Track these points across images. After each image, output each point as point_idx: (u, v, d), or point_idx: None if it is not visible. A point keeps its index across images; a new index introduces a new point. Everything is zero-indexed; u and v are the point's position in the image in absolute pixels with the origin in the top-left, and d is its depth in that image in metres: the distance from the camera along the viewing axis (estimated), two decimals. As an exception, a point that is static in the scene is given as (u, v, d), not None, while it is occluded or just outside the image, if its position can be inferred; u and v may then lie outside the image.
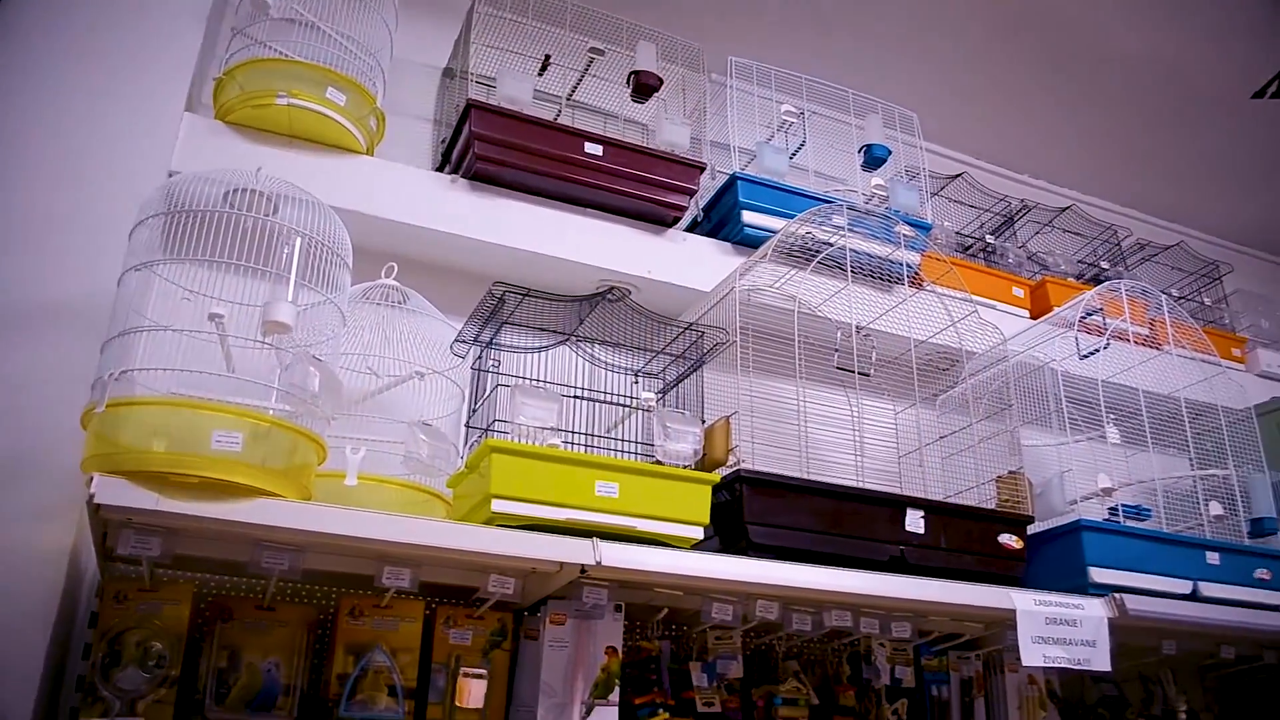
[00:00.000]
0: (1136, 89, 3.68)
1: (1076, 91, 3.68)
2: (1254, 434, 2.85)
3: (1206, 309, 3.76)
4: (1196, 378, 2.91)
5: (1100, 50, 3.48)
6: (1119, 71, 3.59)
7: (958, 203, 3.42)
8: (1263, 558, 2.66)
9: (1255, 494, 2.76)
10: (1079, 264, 3.53)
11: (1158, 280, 3.76)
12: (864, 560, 2.13)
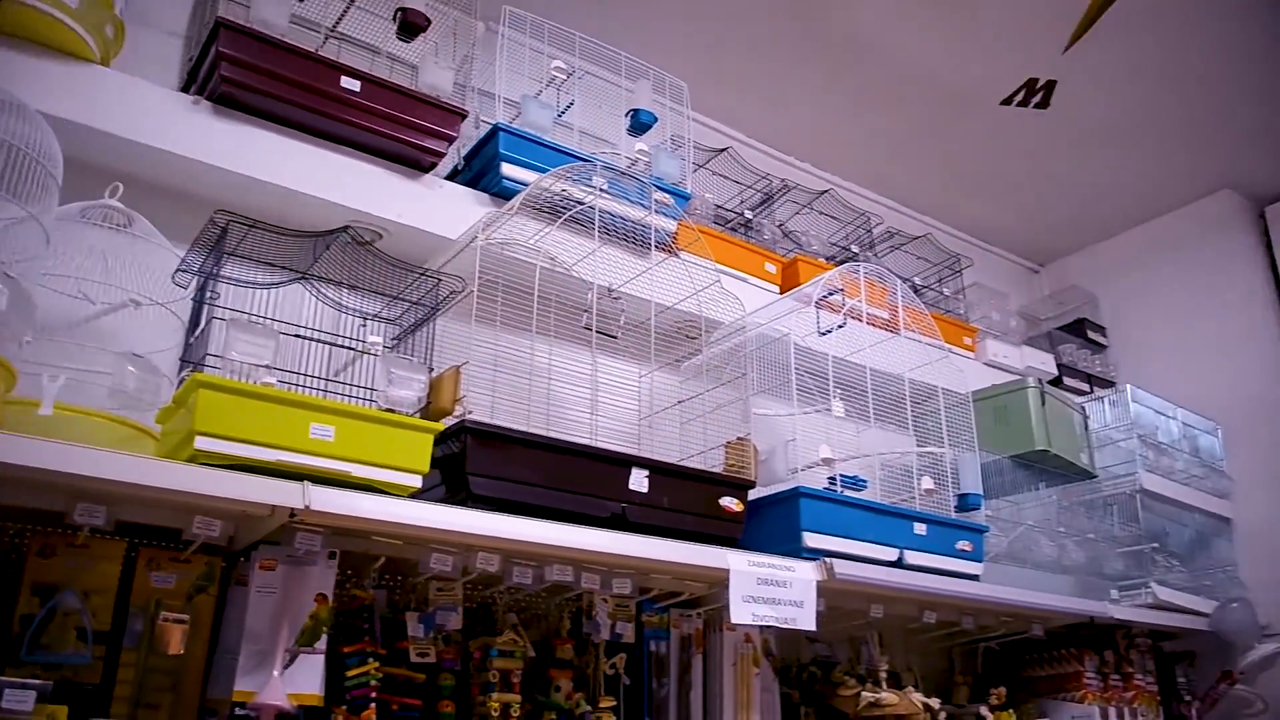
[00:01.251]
0: (900, 85, 3.84)
1: (845, 82, 3.82)
2: (969, 417, 3.05)
3: (946, 299, 4.00)
4: (924, 361, 3.09)
5: (870, 45, 3.62)
6: (885, 67, 3.75)
7: (721, 176, 3.50)
8: (965, 530, 2.86)
9: (965, 472, 2.96)
10: (831, 246, 3.68)
11: (904, 268, 3.97)
12: (586, 516, 2.16)
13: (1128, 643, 3.63)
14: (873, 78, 3.81)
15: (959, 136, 4.15)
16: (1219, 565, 4.03)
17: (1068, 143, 4.23)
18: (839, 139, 4.11)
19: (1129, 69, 3.80)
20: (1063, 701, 3.43)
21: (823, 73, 3.78)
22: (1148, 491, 3.66)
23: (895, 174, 4.37)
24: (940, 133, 4.12)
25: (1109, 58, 3.71)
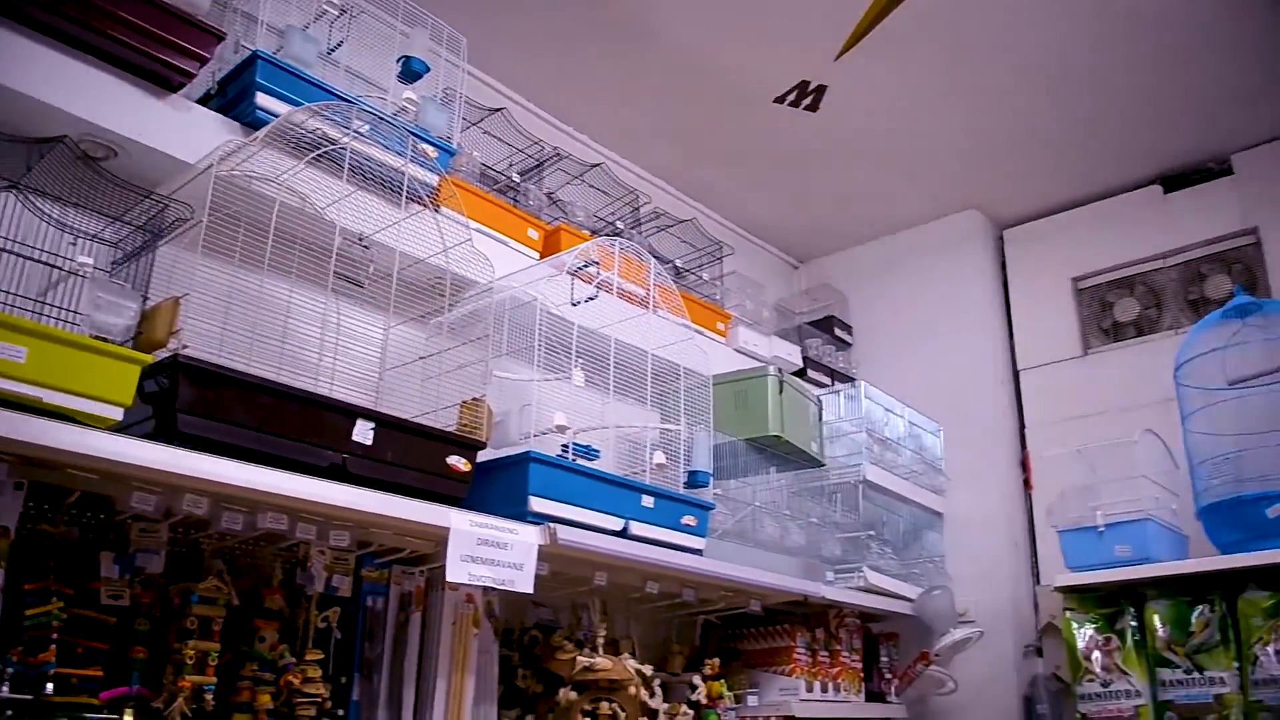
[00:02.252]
0: (682, 72, 3.90)
1: (628, 61, 3.85)
2: (708, 398, 3.16)
3: (705, 283, 4.11)
4: (671, 340, 3.17)
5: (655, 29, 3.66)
6: (669, 52, 3.79)
7: (493, 136, 3.47)
8: (692, 506, 2.96)
9: (697, 450, 3.06)
10: (597, 219, 3.72)
11: (668, 250, 4.06)
12: (304, 464, 2.11)
13: (838, 622, 3.86)
14: (655, 61, 3.85)
15: (734, 129, 4.26)
16: (928, 555, 4.34)
17: (835, 148, 4.42)
18: (617, 115, 4.15)
19: (895, 86, 4.00)
20: (773, 674, 3.61)
21: (606, 49, 3.80)
22: (870, 482, 3.89)
23: (669, 157, 4.45)
24: (716, 123, 4.22)
25: (878, 72, 3.89)
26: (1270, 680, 3.15)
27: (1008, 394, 4.78)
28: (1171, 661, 3.34)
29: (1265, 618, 3.23)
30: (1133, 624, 3.46)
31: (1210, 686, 3.25)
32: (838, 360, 4.81)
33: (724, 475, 3.48)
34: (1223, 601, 3.34)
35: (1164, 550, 3.52)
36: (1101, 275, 4.80)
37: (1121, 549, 3.49)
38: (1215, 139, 4.47)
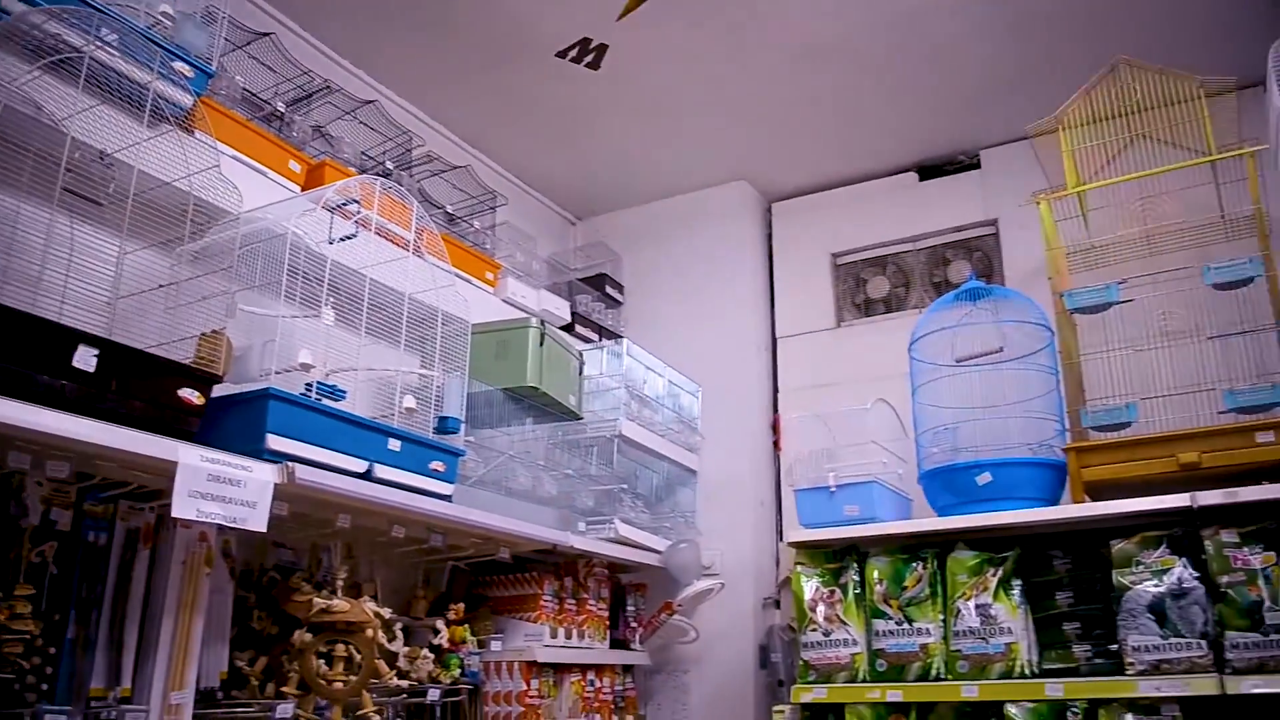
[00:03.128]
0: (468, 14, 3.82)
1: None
2: (466, 345, 3.17)
3: (476, 232, 4.10)
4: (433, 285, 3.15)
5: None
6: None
7: (259, 62, 3.33)
8: (440, 451, 2.97)
9: (450, 396, 3.07)
10: (366, 158, 3.64)
11: (440, 195, 4.02)
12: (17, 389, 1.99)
13: (588, 571, 3.97)
14: (440, 1, 3.78)
15: (516, 79, 4.24)
16: (680, 511, 4.51)
17: (616, 107, 4.47)
18: (396, 53, 4.05)
19: (678, 52, 4.07)
20: (519, 620, 3.68)
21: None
22: (626, 438, 4.00)
23: (448, 100, 4.38)
24: (500, 70, 4.18)
25: (662, 36, 3.95)
26: (969, 631, 3.46)
27: (765, 360, 5.01)
28: (885, 613, 3.60)
29: (969, 575, 3.53)
30: (855, 578, 3.71)
31: (917, 637, 3.53)
32: (607, 318, 4.90)
33: (480, 424, 3.50)
34: (935, 559, 3.63)
35: (888, 511, 3.79)
36: (858, 253, 5.08)
37: (850, 508, 3.73)
38: (968, 134, 4.79)
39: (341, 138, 3.54)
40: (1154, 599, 3.26)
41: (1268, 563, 3.17)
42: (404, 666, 3.11)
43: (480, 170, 4.50)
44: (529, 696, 3.55)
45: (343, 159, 3.45)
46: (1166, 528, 3.38)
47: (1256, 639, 3.10)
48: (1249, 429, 3.33)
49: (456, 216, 4.05)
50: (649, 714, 4.49)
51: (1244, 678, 3.09)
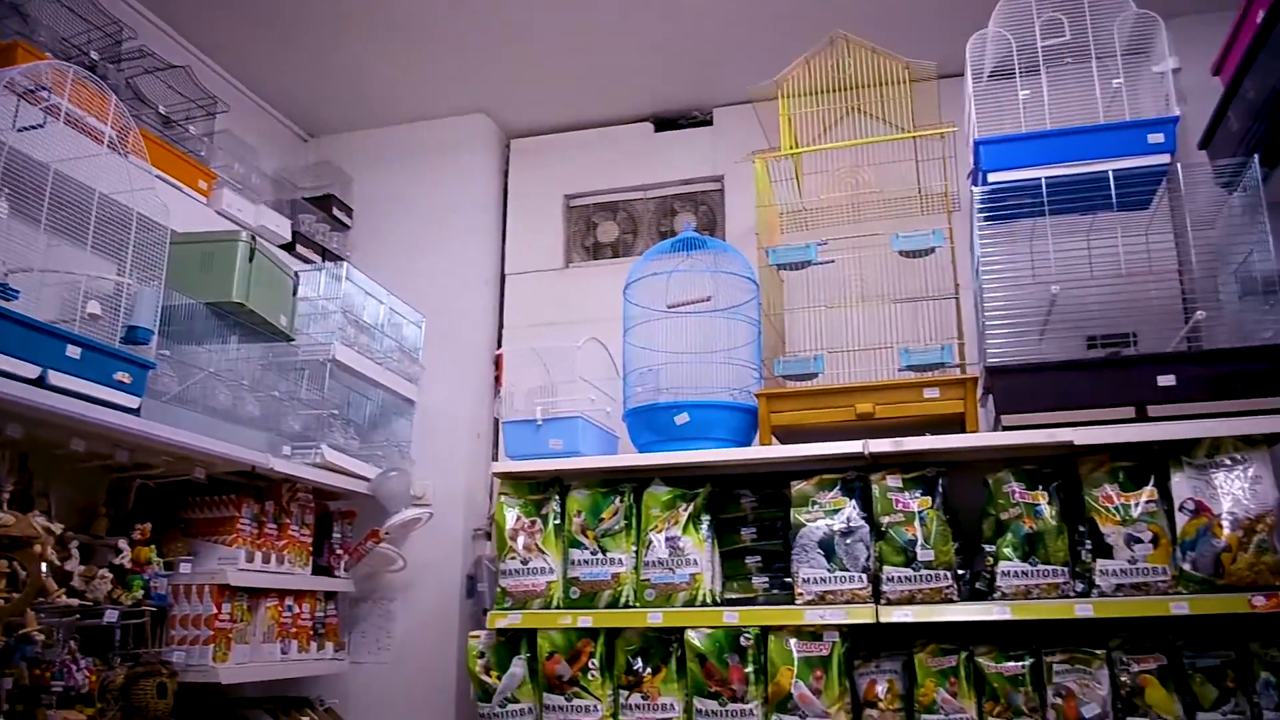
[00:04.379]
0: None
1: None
2: (163, 252, 3.02)
3: (192, 137, 3.89)
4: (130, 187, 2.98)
5: None
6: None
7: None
8: (126, 362, 2.84)
9: (142, 306, 2.93)
10: (67, 44, 3.38)
11: (154, 93, 3.79)
12: None
13: (291, 496, 3.90)
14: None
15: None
16: (395, 440, 4.49)
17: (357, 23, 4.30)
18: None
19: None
20: (214, 544, 3.58)
21: None
22: (340, 363, 3.93)
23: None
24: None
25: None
26: (658, 562, 3.65)
27: (492, 296, 5.04)
28: (582, 544, 3.74)
29: (663, 509, 3.72)
30: (556, 509, 3.84)
31: (610, 566, 3.69)
32: (332, 241, 4.78)
33: (181, 339, 3.36)
34: (632, 494, 3.80)
35: (592, 446, 3.92)
36: (590, 197, 5.18)
37: (555, 442, 3.84)
38: (704, 91, 4.96)
39: (38, 19, 3.27)
40: (824, 536, 3.55)
41: (924, 506, 3.52)
42: (78, 586, 2.97)
43: (203, 73, 4.27)
44: (219, 620, 3.47)
45: (39, 42, 3.19)
46: (842, 472, 3.68)
47: (909, 574, 3.45)
48: (919, 385, 3.67)
49: (171, 119, 3.83)
50: (352, 641, 4.49)
51: (895, 608, 3.43)
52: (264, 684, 4.06)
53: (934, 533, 3.47)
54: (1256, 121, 3.34)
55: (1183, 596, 3.24)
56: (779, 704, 3.43)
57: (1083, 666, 3.35)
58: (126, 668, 3.17)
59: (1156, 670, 3.31)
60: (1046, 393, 3.50)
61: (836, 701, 3.41)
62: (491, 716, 3.72)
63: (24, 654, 2.79)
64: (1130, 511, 3.38)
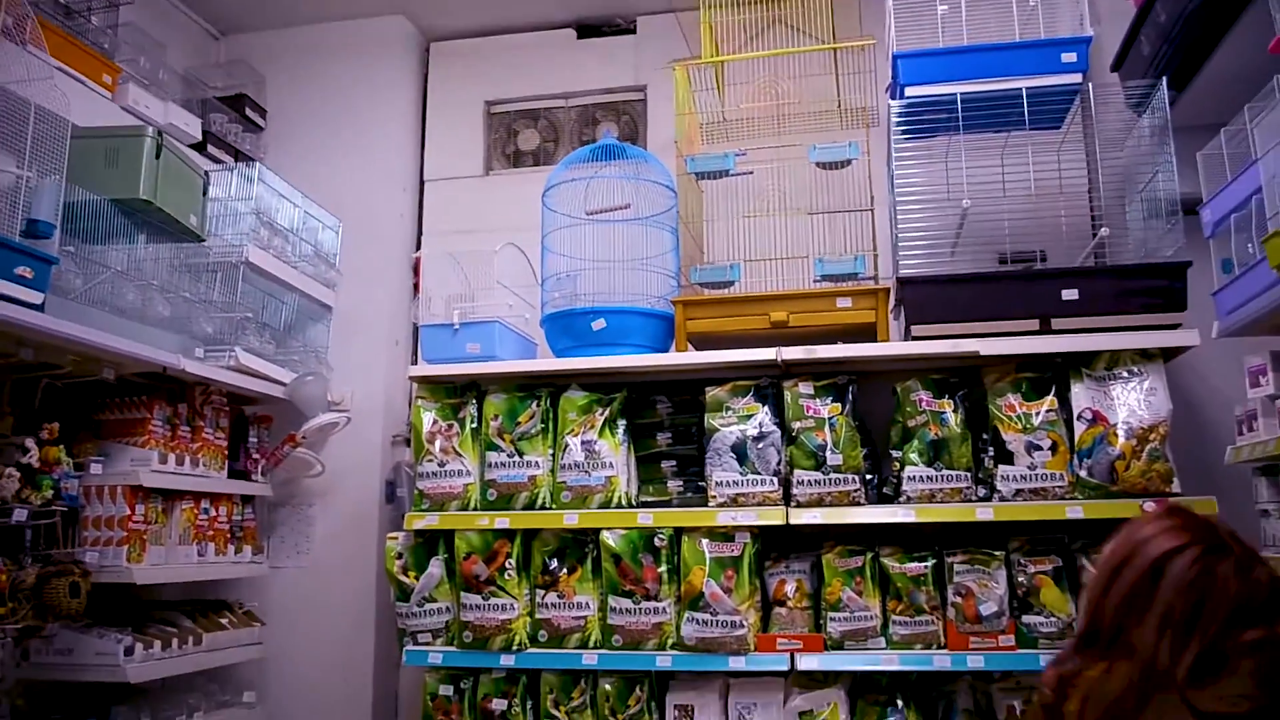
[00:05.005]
0: None
1: None
2: (64, 145, 2.93)
3: (94, 29, 3.75)
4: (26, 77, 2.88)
5: None
6: None
7: None
8: (27, 256, 2.77)
9: (42, 199, 2.85)
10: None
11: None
12: None
13: (204, 399, 3.86)
14: None
15: None
16: (312, 346, 4.45)
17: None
18: None
19: None
20: (125, 445, 3.55)
21: None
22: (253, 265, 3.87)
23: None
24: None
25: None
26: (574, 465, 3.70)
27: (411, 202, 4.98)
28: (499, 447, 3.78)
29: (579, 414, 3.77)
30: (473, 413, 3.86)
31: (527, 469, 3.74)
32: (244, 142, 4.67)
33: (87, 238, 3.28)
34: (549, 398, 3.84)
35: (509, 351, 3.94)
36: (512, 104, 5.11)
37: (472, 346, 3.85)
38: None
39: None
40: (737, 440, 3.63)
41: (834, 413, 3.62)
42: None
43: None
44: (133, 521, 3.45)
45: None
46: (755, 379, 3.75)
47: (818, 477, 3.55)
48: (832, 294, 3.74)
49: (72, 9, 3.68)
50: (271, 546, 4.49)
51: (805, 510, 3.54)
52: (182, 587, 4.07)
53: (843, 438, 3.57)
54: (1166, 44, 3.41)
55: (1078, 501, 3.39)
56: (691, 602, 3.53)
57: (982, 567, 3.51)
58: (38, 567, 3.14)
59: (1052, 571, 3.48)
60: (955, 304, 3.60)
61: (747, 600, 3.52)
62: (409, 616, 3.78)
63: (-71, 551, 2.77)
64: (1031, 420, 3.51)
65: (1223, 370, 3.80)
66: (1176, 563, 1.56)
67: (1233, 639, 1.51)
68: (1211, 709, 1.48)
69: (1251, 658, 1.50)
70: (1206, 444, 3.76)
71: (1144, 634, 1.54)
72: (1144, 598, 1.57)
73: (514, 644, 3.64)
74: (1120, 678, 1.56)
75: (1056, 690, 1.64)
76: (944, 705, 3.57)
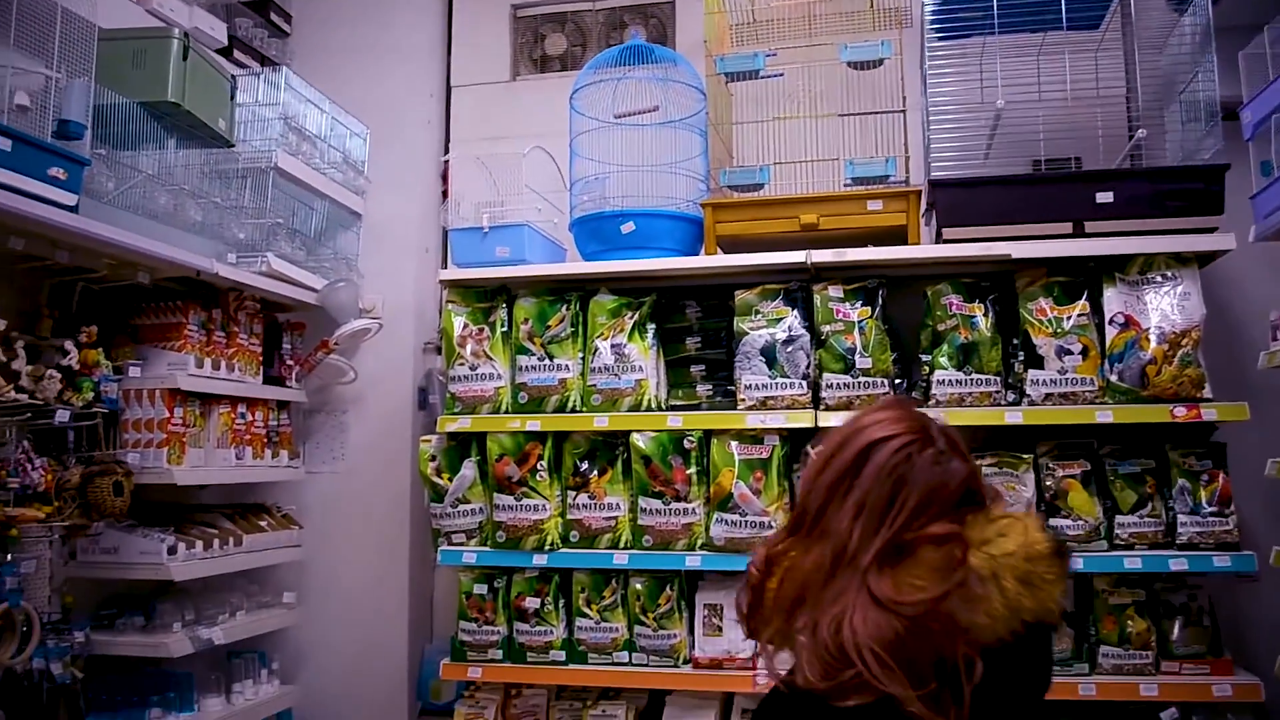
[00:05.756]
0: None
1: None
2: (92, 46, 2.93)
3: (117, -69, 3.71)
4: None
5: None
6: None
7: None
8: (59, 156, 2.78)
9: (72, 99, 2.85)
10: None
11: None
12: None
13: (237, 305, 3.90)
14: None
15: None
16: (342, 254, 4.47)
17: None
18: None
19: None
20: (162, 349, 3.60)
21: None
22: (283, 170, 3.87)
23: None
24: None
25: None
26: (604, 368, 3.72)
27: (439, 108, 4.93)
28: (529, 350, 3.80)
29: (609, 317, 3.78)
30: (503, 317, 3.88)
31: (557, 372, 3.76)
32: (270, 47, 4.62)
33: (115, 141, 3.29)
34: (578, 302, 3.84)
35: (538, 255, 3.93)
36: (538, 8, 5.01)
37: (501, 250, 3.85)
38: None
39: None
40: (766, 344, 3.64)
41: (864, 316, 3.61)
42: (27, 385, 2.98)
43: None
44: (172, 424, 3.52)
45: None
46: (785, 282, 3.74)
47: (847, 380, 3.56)
48: (862, 197, 3.70)
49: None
50: (306, 451, 4.56)
51: (834, 413, 3.55)
52: (221, 491, 4.16)
53: (872, 341, 3.56)
54: (1210, -58, 3.31)
55: (1108, 406, 3.38)
56: (720, 503, 3.58)
57: (1010, 470, 3.52)
58: (81, 468, 3.22)
59: (1080, 475, 3.49)
60: (987, 207, 3.56)
61: (775, 501, 3.56)
62: (443, 517, 3.85)
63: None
64: (1063, 324, 3.49)
65: (1258, 275, 3.76)
66: (881, 451, 1.60)
67: (918, 529, 1.56)
68: (885, 594, 1.51)
69: (933, 549, 1.55)
70: (1240, 350, 3.74)
71: (840, 518, 1.59)
72: (847, 483, 1.61)
73: (546, 544, 3.71)
74: (815, 558, 1.61)
75: (763, 570, 1.70)
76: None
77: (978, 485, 1.66)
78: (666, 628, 3.66)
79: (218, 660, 3.93)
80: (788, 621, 1.63)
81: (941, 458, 1.62)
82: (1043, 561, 1.58)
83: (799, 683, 1.55)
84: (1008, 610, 1.53)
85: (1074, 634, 3.47)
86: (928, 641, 1.49)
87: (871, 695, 1.47)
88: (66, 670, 3.11)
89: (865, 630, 1.48)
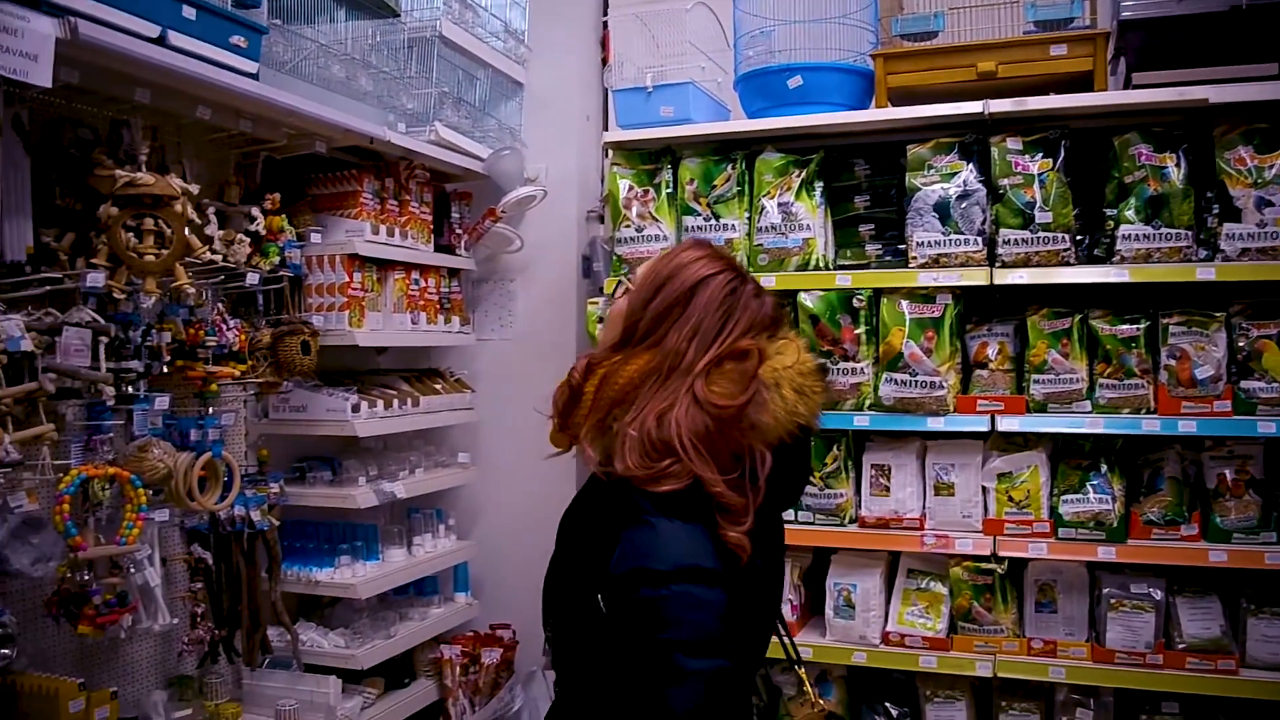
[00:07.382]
0: None
1: None
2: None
3: None
4: None
5: None
6: None
7: None
8: (240, 25, 2.86)
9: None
10: None
11: None
12: None
13: (408, 174, 3.98)
14: None
15: None
16: (506, 124, 4.49)
17: None
18: None
19: None
20: (339, 218, 3.72)
21: None
22: (447, 39, 3.88)
23: None
24: None
25: None
26: (771, 227, 3.66)
27: (598, -27, 4.86)
28: (695, 210, 3.77)
29: (775, 175, 3.70)
30: (668, 178, 3.85)
31: (724, 232, 3.72)
32: (430, -83, 4.61)
33: (289, 16, 3.36)
34: (744, 161, 3.77)
35: (703, 114, 3.85)
36: None
37: (665, 110, 3.79)
38: None
39: None
40: (940, 199, 3.51)
41: (1044, 168, 3.44)
42: (219, 250, 3.14)
43: None
44: (352, 288, 3.65)
45: None
46: (959, 135, 3.58)
47: (1025, 236, 3.42)
48: (1045, 41, 3.48)
49: None
50: (476, 319, 4.68)
51: (1010, 270, 3.43)
52: (397, 357, 4.33)
53: (1053, 195, 3.40)
54: None
55: (1312, 260, 3.16)
56: (890, 363, 3.52)
57: (1199, 329, 3.35)
58: (271, 329, 3.40)
59: (1276, 335, 3.28)
60: (1182, 49, 3.32)
61: (947, 361, 3.48)
62: (611, 380, 3.91)
63: (178, 311, 3.01)
64: (1263, 174, 3.26)
65: None
66: (711, 284, 1.90)
67: (738, 345, 1.85)
68: (703, 396, 1.78)
69: (736, 362, 1.83)
70: None
71: (675, 338, 1.86)
72: (679, 311, 1.88)
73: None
74: (639, 362, 1.88)
75: (583, 374, 1.94)
76: (1149, 472, 3.49)
77: (780, 314, 1.97)
78: (833, 487, 3.66)
79: (398, 515, 4.16)
80: (603, 420, 1.89)
81: (760, 291, 1.96)
82: (811, 375, 1.88)
83: (617, 469, 1.79)
84: (787, 414, 1.81)
85: (1261, 502, 3.33)
86: (730, 436, 1.78)
87: (682, 482, 1.73)
88: (265, 518, 3.33)
89: (685, 423, 1.76)
